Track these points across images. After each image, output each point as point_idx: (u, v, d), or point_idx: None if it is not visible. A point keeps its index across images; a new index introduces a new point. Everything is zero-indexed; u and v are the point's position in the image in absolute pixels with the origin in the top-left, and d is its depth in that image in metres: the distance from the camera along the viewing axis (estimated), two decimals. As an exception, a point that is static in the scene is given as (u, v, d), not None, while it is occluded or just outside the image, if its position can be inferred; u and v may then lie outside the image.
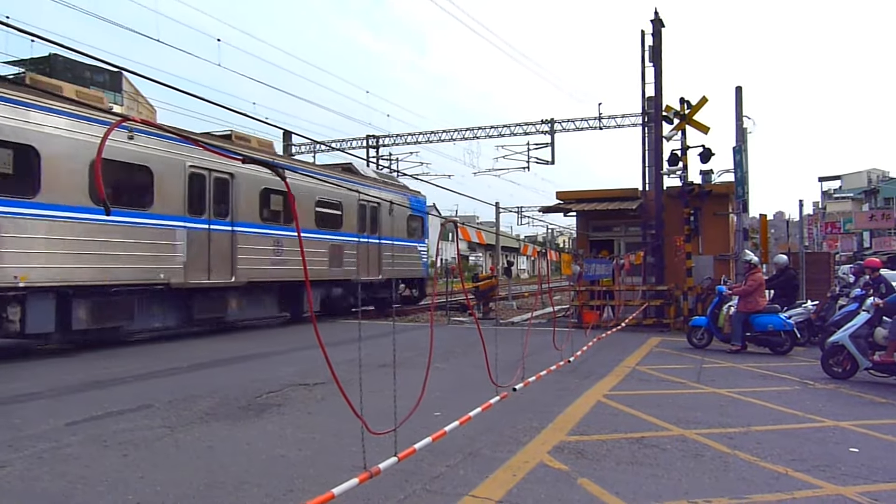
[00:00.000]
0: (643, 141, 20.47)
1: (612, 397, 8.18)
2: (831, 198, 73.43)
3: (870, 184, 66.79)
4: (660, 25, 18.69)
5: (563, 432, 6.38)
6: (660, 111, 18.26)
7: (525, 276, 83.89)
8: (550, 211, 21.38)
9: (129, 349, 13.22)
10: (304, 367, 10.57)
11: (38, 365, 11.00)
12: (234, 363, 11.28)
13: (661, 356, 12.32)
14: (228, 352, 12.64)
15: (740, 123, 17.76)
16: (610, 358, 11.66)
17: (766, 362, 11.50)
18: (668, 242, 18.23)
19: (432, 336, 6.37)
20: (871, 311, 9.59)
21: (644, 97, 19.87)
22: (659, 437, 6.21)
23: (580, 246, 20.37)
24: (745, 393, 8.59)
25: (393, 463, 4.18)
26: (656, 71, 18.70)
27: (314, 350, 12.71)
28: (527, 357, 8.91)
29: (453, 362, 11.26)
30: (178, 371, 10.30)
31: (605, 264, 17.49)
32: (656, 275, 18.18)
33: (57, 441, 5.99)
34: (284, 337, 16.02)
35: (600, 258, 17.96)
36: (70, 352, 12.48)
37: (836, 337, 9.91)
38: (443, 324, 19.41)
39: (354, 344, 12.47)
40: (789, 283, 14.68)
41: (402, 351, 12.38)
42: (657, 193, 18.41)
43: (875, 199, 60.37)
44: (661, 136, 18.36)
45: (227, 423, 6.72)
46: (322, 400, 7.93)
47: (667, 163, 17.92)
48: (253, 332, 16.92)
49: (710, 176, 18.71)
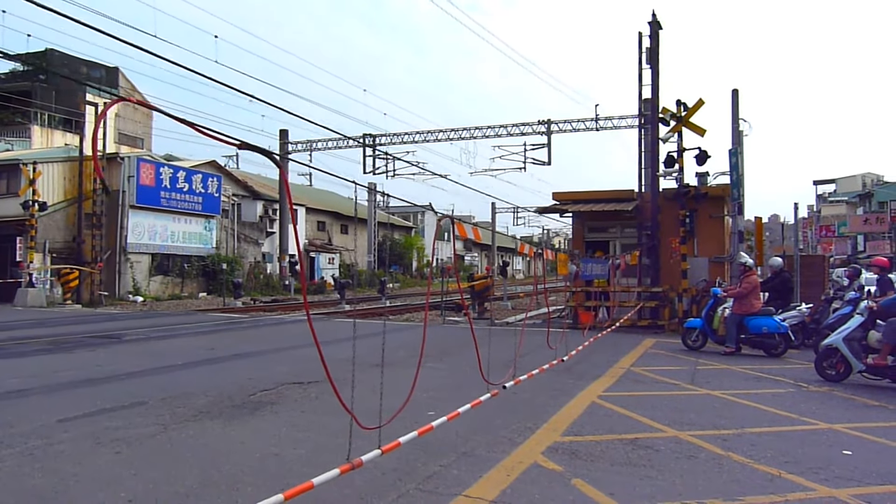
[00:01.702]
0: (640, 142, 20.48)
1: (607, 398, 8.18)
2: (826, 201, 73.64)
3: (864, 188, 66.94)
4: (657, 28, 18.71)
5: (557, 433, 6.38)
6: (656, 113, 18.27)
7: (521, 277, 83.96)
8: (546, 212, 21.39)
9: (122, 346, 13.19)
10: (298, 365, 10.55)
11: (31, 361, 10.96)
12: (228, 361, 11.26)
13: (655, 357, 12.33)
14: (222, 350, 12.61)
15: (736, 126, 17.80)
16: (605, 359, 11.66)
17: (760, 364, 11.52)
18: (664, 244, 18.25)
19: (425, 335, 6.36)
20: (864, 314, 9.61)
21: (641, 99, 19.88)
22: (653, 439, 6.22)
23: (576, 247, 20.37)
24: (739, 395, 8.60)
25: (376, 455, 4.15)
26: (653, 73, 18.72)
27: (308, 348, 12.69)
28: (521, 357, 8.91)
29: (448, 361, 11.26)
30: (171, 369, 10.27)
31: (602, 264, 17.49)
32: (651, 276, 18.20)
33: (49, 438, 5.97)
34: (278, 335, 16.00)
35: (595, 258, 17.97)
36: (63, 349, 12.44)
37: (830, 340, 9.93)
38: (438, 323, 19.39)
39: (348, 342, 12.44)
40: (784, 286, 14.70)
41: (396, 350, 12.37)
42: (653, 195, 18.42)
43: (869, 203, 60.52)
44: (658, 138, 18.37)
45: (220, 422, 6.70)
46: (316, 398, 7.91)
47: (663, 165, 17.92)
48: (247, 330, 16.88)
49: (706, 178, 18.74)
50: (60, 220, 28.21)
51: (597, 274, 17.23)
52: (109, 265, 28.42)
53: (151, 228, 30.42)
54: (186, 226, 32.47)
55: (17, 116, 39.15)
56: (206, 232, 33.60)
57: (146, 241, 30.15)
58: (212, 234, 34.01)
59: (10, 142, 37.75)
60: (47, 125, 40.80)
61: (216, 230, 34.43)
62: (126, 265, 29.27)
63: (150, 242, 30.40)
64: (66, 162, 29.33)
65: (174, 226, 31.76)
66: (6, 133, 39.57)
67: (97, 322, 18.75)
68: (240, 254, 36.69)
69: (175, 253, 31.87)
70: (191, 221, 32.70)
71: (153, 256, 30.71)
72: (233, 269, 33.35)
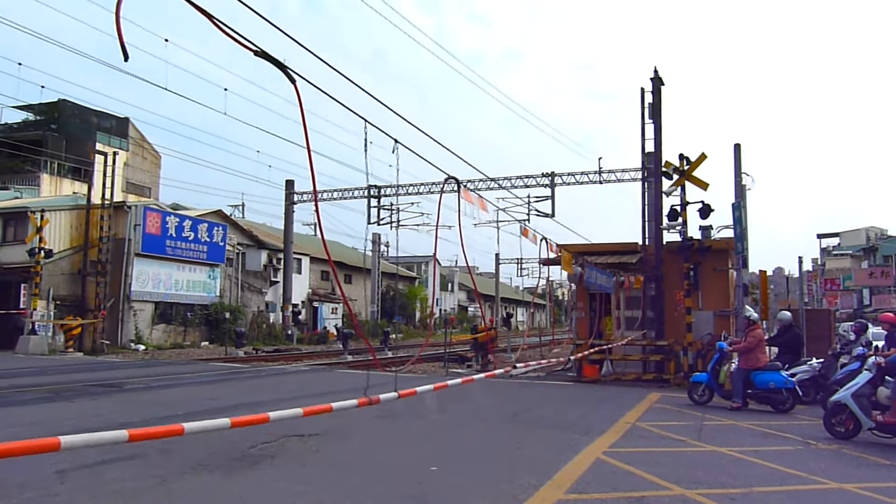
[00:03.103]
0: (643, 195, 20.62)
1: (612, 454, 8.05)
2: (830, 255, 73.65)
3: (868, 241, 67.04)
4: (659, 83, 19.04)
5: (561, 490, 6.25)
6: (659, 167, 18.44)
7: (524, 328, 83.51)
8: (550, 263, 21.40)
9: (123, 395, 13.08)
10: (300, 417, 10.42)
11: (31, 410, 10.86)
12: (228, 412, 11.12)
13: (661, 412, 12.16)
14: (224, 400, 12.50)
15: (739, 180, 17.93)
16: (610, 413, 11.51)
17: (767, 420, 11.35)
18: (669, 297, 18.20)
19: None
20: (872, 370, 9.50)
21: (644, 152, 20.09)
22: (659, 497, 6.09)
23: (580, 299, 20.31)
24: (746, 452, 8.46)
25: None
26: (656, 127, 18.97)
27: (310, 399, 12.59)
28: (526, 411, 8.81)
29: (450, 414, 11.13)
30: (172, 419, 10.15)
31: (607, 276, 17.37)
32: (656, 329, 18.10)
33: (45, 489, 5.87)
34: (280, 385, 15.87)
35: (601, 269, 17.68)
36: (63, 397, 12.34)
37: (839, 396, 9.80)
38: (440, 375, 19.22)
39: (354, 393, 12.32)
40: (795, 341, 14.58)
41: (398, 402, 12.23)
42: (657, 248, 18.46)
43: (874, 257, 60.50)
44: (661, 192, 18.51)
45: (219, 475, 6.59)
46: (317, 451, 7.79)
47: (666, 218, 18.00)
48: (248, 381, 16.76)
49: (710, 231, 18.78)
50: (65, 267, 28.31)
51: (601, 285, 17.08)
52: (112, 313, 28.39)
53: (156, 277, 30.49)
54: (191, 274, 32.54)
55: (28, 165, 39.67)
56: (210, 280, 33.65)
57: (150, 290, 30.18)
58: (216, 283, 34.05)
59: (20, 189, 38.18)
60: (56, 173, 41.31)
61: (220, 279, 34.49)
62: (129, 313, 29.25)
63: (154, 291, 30.43)
64: (74, 210, 29.60)
65: (178, 274, 31.83)
66: (16, 181, 40.05)
67: (98, 370, 18.64)
68: (243, 303, 36.66)
69: (178, 301, 31.86)
70: (195, 270, 32.79)
71: (156, 305, 30.70)
72: (236, 318, 33.29)
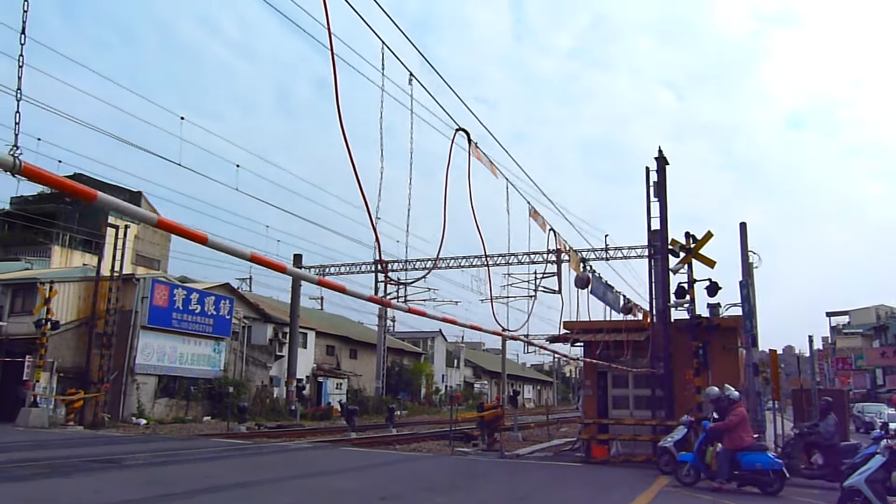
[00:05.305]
0: (650, 273, 20.62)
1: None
2: (840, 333, 72.97)
3: (878, 320, 66.50)
4: (664, 163, 19.34)
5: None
6: (665, 244, 18.53)
7: (531, 406, 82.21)
8: (557, 340, 21.23)
9: (122, 472, 12.84)
10: (302, 496, 10.22)
11: (26, 486, 10.66)
12: (229, 490, 10.91)
13: (672, 496, 11.82)
14: (224, 478, 12.25)
15: (746, 258, 17.98)
16: (619, 497, 11.21)
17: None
18: (677, 376, 17.96)
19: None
20: (885, 454, 9.27)
21: (650, 230, 20.22)
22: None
23: (587, 377, 20.08)
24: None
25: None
26: (661, 205, 19.16)
27: (311, 479, 12.35)
28: (533, 495, 8.60)
29: (456, 496, 10.84)
30: (171, 497, 9.94)
31: (614, 294, 17.12)
32: (666, 409, 17.78)
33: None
34: (283, 463, 15.56)
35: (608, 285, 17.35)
36: (61, 473, 12.12)
37: (852, 481, 9.52)
38: (447, 454, 18.84)
39: (353, 472, 12.10)
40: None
41: (402, 482, 11.97)
42: (664, 326, 18.34)
43: (885, 336, 59.88)
44: (668, 269, 18.53)
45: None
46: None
47: (674, 295, 17.96)
48: (250, 458, 16.45)
49: (718, 309, 18.67)
50: (71, 339, 28.25)
51: (608, 301, 16.83)
52: (115, 386, 28.11)
53: (160, 349, 30.35)
54: (196, 347, 32.39)
55: (40, 237, 40.18)
56: (214, 354, 33.45)
57: (154, 363, 29.97)
58: (220, 357, 33.83)
59: (31, 261, 38.52)
60: (68, 245, 41.77)
61: (225, 352, 34.29)
62: (132, 386, 28.95)
63: (158, 364, 30.21)
64: (82, 282, 29.78)
65: (183, 347, 31.68)
66: (27, 252, 40.45)
67: (98, 445, 18.35)
68: (247, 377, 36.31)
69: (182, 375, 31.58)
70: (200, 343, 32.65)
71: (160, 378, 30.41)
72: (239, 393, 32.89)
